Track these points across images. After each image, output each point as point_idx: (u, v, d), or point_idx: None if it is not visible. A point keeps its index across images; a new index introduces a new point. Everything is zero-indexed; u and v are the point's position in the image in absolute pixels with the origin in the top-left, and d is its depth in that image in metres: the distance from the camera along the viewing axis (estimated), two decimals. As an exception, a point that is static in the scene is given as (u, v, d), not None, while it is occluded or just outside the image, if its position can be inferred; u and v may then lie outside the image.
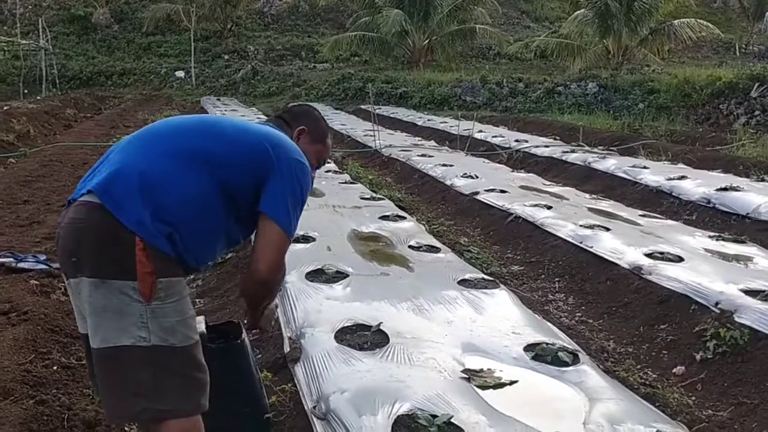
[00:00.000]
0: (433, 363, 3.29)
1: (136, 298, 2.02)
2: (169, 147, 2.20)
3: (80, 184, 2.21)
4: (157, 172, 2.11)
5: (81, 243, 2.06)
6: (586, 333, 4.50)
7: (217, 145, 2.23)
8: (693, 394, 3.73)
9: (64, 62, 29.49)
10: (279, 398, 3.15)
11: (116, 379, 2.07)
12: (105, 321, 2.03)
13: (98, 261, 2.04)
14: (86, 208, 2.08)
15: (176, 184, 2.12)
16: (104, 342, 2.04)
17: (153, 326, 2.04)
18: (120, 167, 2.13)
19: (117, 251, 2.03)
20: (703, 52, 31.61)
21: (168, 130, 2.32)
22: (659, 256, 5.37)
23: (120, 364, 2.04)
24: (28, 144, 11.78)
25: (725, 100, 17.28)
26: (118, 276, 2.02)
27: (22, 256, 4.84)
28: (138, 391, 2.04)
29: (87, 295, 2.05)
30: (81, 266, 2.06)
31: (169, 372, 2.06)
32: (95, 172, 2.20)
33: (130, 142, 2.28)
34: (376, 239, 5.81)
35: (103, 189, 2.07)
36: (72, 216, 2.11)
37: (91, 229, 2.05)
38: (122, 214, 2.03)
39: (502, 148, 12.34)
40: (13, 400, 2.96)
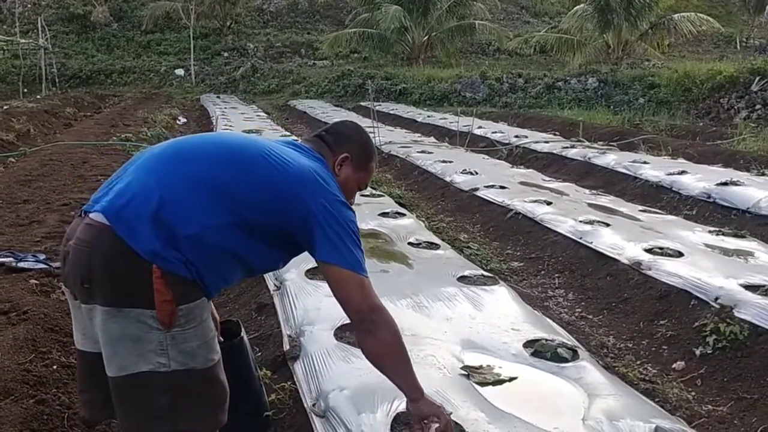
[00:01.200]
0: (433, 360, 3.29)
1: (155, 327, 1.93)
2: (189, 172, 2.04)
3: (99, 192, 2.10)
4: (172, 201, 1.96)
5: (92, 270, 1.94)
6: (585, 329, 4.50)
7: (242, 180, 2.05)
8: (693, 390, 3.73)
9: (64, 61, 29.49)
10: (278, 396, 3.15)
11: (134, 405, 2.01)
12: (121, 349, 1.95)
13: (113, 290, 1.93)
14: (96, 230, 1.95)
15: (190, 218, 1.97)
16: (121, 370, 1.97)
17: (173, 352, 1.96)
18: (134, 189, 1.98)
19: (133, 279, 1.92)
20: (703, 46, 31.56)
21: (191, 152, 2.14)
22: (659, 251, 5.37)
23: (138, 390, 1.98)
24: (28, 143, 11.77)
25: (726, 95, 17.27)
26: (135, 305, 1.92)
27: (21, 256, 4.83)
28: (158, 415, 1.99)
29: (101, 323, 1.96)
30: (94, 294, 1.96)
31: (188, 394, 2.01)
32: (112, 184, 2.08)
33: (150, 158, 2.11)
34: (376, 236, 5.81)
35: (114, 212, 1.94)
36: (80, 237, 1.98)
37: (103, 255, 1.93)
38: (135, 242, 1.91)
39: (501, 144, 12.34)
40: (13, 399, 2.97)
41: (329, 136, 2.42)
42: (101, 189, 2.12)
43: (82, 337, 2.15)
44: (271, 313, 4.20)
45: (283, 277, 4.56)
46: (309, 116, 19.54)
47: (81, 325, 2.13)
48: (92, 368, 2.11)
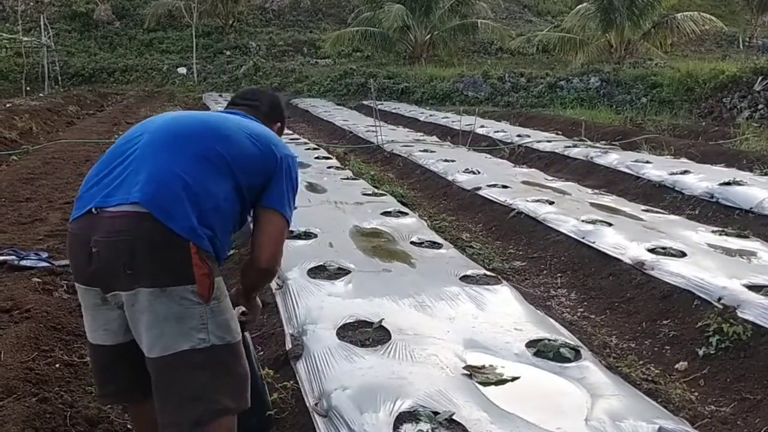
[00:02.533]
0: (435, 359, 3.29)
1: (196, 301, 2.10)
2: (195, 151, 2.24)
3: (95, 190, 2.20)
4: (194, 179, 2.17)
5: (136, 255, 2.06)
6: (588, 328, 4.50)
7: (236, 150, 2.30)
8: (696, 390, 3.72)
9: (66, 59, 29.46)
10: (281, 395, 3.15)
11: (176, 386, 2.13)
12: (166, 329, 2.09)
13: (159, 270, 2.07)
14: (131, 219, 2.09)
15: (211, 191, 2.19)
16: (165, 350, 2.10)
17: (212, 326, 2.13)
18: (159, 176, 2.15)
19: (173, 258, 2.08)
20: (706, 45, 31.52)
21: (187, 132, 2.32)
22: (662, 251, 5.36)
23: (180, 369, 2.12)
24: (31, 141, 11.78)
25: (728, 94, 17.24)
26: (177, 282, 2.08)
27: (24, 254, 4.84)
28: (198, 395, 2.12)
29: (146, 306, 2.08)
30: (138, 278, 2.07)
31: (225, 370, 2.18)
32: (119, 178, 2.19)
33: (154, 145, 2.26)
34: (378, 235, 5.81)
35: (151, 200, 2.09)
36: (113, 228, 2.09)
37: (146, 240, 2.07)
38: (174, 223, 2.08)
39: (504, 143, 12.33)
40: (16, 397, 2.97)
41: (255, 102, 2.73)
42: (98, 183, 2.22)
43: (104, 331, 2.25)
44: (273, 311, 4.20)
45: (285, 276, 4.56)
46: (311, 115, 19.54)
47: (102, 320, 2.24)
48: (113, 361, 2.28)
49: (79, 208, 2.23)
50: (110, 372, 2.35)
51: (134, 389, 2.35)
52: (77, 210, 2.23)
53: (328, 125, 17.04)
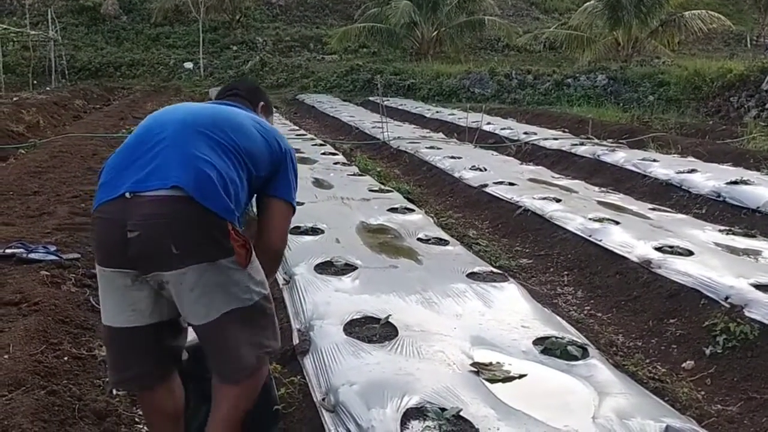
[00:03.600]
0: (442, 356, 3.29)
1: (237, 269, 2.31)
2: (218, 142, 2.40)
3: (124, 175, 2.30)
4: (221, 167, 2.33)
5: (181, 234, 2.23)
6: (595, 327, 4.50)
7: (250, 143, 2.49)
8: (702, 389, 3.72)
9: (73, 53, 29.54)
10: (288, 390, 3.15)
11: (231, 341, 2.34)
12: (215, 297, 2.29)
13: (204, 246, 2.25)
14: (173, 202, 2.23)
15: (233, 179, 2.36)
16: (216, 313, 2.30)
17: (253, 285, 2.37)
18: (193, 162, 2.29)
19: (215, 234, 2.26)
20: (713, 44, 31.43)
21: (208, 123, 2.46)
22: (669, 249, 5.35)
23: (232, 326, 2.32)
24: (38, 135, 11.80)
25: (736, 93, 17.17)
26: (221, 255, 2.27)
27: (32, 247, 4.85)
28: (251, 342, 2.37)
29: (195, 281, 2.25)
30: (185, 256, 2.23)
31: (265, 316, 2.43)
32: (150, 164, 2.30)
33: (181, 132, 2.40)
34: (385, 231, 5.81)
35: (192, 184, 2.24)
36: (155, 212, 2.22)
37: (188, 220, 2.23)
38: (212, 204, 2.24)
39: (510, 140, 12.31)
40: (24, 390, 2.98)
41: (242, 92, 2.90)
42: (127, 170, 2.32)
43: (132, 312, 2.34)
44: (280, 307, 4.19)
45: (292, 272, 4.58)
46: (317, 111, 19.54)
47: (130, 301, 2.34)
48: (136, 343, 2.38)
49: (107, 192, 2.31)
50: (131, 355, 2.41)
51: (151, 374, 2.45)
52: (104, 194, 2.31)
53: (334, 121, 17.04)
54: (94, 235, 2.41)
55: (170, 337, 2.47)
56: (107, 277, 2.35)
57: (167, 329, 2.43)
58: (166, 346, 2.47)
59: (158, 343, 2.42)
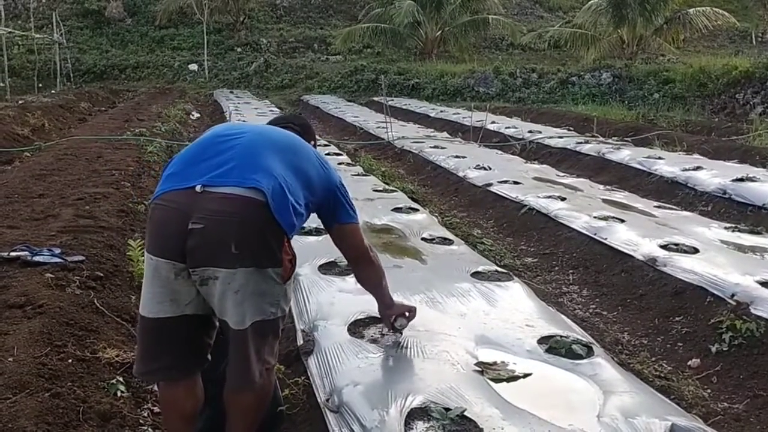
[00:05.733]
0: (446, 356, 3.28)
1: (278, 282, 2.41)
2: (291, 162, 2.52)
3: (197, 169, 2.40)
4: (292, 184, 2.46)
5: (245, 236, 2.31)
6: (600, 325, 4.48)
7: (312, 171, 2.63)
8: (708, 387, 3.71)
9: (78, 56, 29.61)
10: (292, 391, 3.15)
11: (247, 351, 2.40)
12: (250, 304, 2.36)
13: (260, 253, 2.34)
14: (245, 202, 2.32)
15: (300, 200, 2.49)
16: (247, 323, 2.37)
17: (282, 302, 2.47)
18: (273, 172, 2.40)
19: (272, 244, 2.36)
20: (718, 40, 31.28)
21: (282, 142, 2.61)
22: (674, 247, 5.33)
23: (252, 337, 2.40)
24: (43, 138, 11.81)
25: (741, 90, 17.12)
26: (271, 265, 2.37)
27: (37, 250, 4.85)
28: (259, 357, 2.43)
29: (242, 284, 2.33)
30: (242, 257, 2.31)
31: (275, 335, 2.52)
32: (227, 164, 2.39)
33: (256, 144, 2.51)
34: (389, 231, 5.80)
35: (271, 191, 2.34)
36: (225, 208, 2.30)
37: (255, 224, 2.32)
38: (281, 215, 2.34)
39: (515, 139, 12.29)
40: (29, 393, 2.98)
41: (298, 127, 3.00)
42: (201, 165, 2.42)
43: (170, 302, 2.40)
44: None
45: (295, 272, 4.56)
46: (322, 111, 19.55)
47: (171, 292, 2.40)
48: (169, 333, 2.44)
49: (176, 182, 2.39)
50: (163, 345, 2.47)
51: (179, 366, 2.51)
52: (172, 184, 2.39)
53: (338, 121, 17.05)
54: (152, 222, 2.45)
55: (201, 332, 2.53)
56: (154, 265, 2.40)
57: (200, 322, 2.49)
58: (196, 341, 2.53)
59: (189, 335, 2.49)
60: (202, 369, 2.59)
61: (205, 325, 2.51)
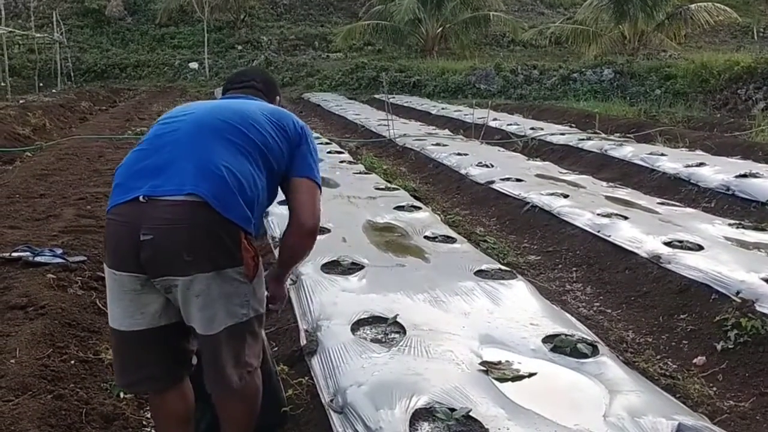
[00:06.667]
0: (451, 355, 3.26)
1: (243, 281, 2.31)
2: (234, 142, 2.38)
3: (138, 178, 2.29)
4: (238, 170, 2.31)
5: (195, 241, 2.21)
6: (604, 323, 4.46)
7: (267, 138, 2.47)
8: (714, 385, 3.68)
9: (79, 55, 29.60)
10: (296, 391, 3.13)
11: (222, 356, 2.34)
12: (218, 308, 2.28)
13: (215, 255, 2.24)
14: (188, 208, 2.21)
15: (253, 181, 2.35)
16: (217, 327, 2.30)
17: (252, 301, 2.37)
18: (209, 166, 2.28)
19: (227, 243, 2.25)
20: (720, 36, 31.20)
21: (222, 123, 2.44)
22: (678, 244, 5.30)
23: (225, 342, 2.32)
24: (44, 137, 11.81)
25: (743, 86, 17.07)
26: (230, 265, 2.27)
27: (38, 250, 4.84)
28: (237, 360, 2.36)
29: (202, 289, 2.25)
30: (197, 263, 2.22)
31: (254, 336, 2.44)
32: (164, 167, 2.28)
33: (192, 134, 2.38)
34: (392, 230, 5.78)
35: (209, 191, 2.22)
36: (170, 217, 2.20)
37: (204, 228, 2.22)
38: (229, 212, 2.24)
39: (517, 136, 12.26)
40: (31, 394, 2.97)
41: (258, 83, 2.87)
42: (142, 172, 2.31)
43: (141, 315, 2.33)
44: (287, 307, 4.16)
45: (299, 271, 4.54)
46: (323, 109, 19.52)
47: (139, 305, 2.32)
48: (144, 345, 2.37)
49: (121, 194, 2.29)
50: (139, 358, 2.40)
51: (161, 377, 2.44)
52: (118, 197, 2.30)
53: (339, 119, 17.02)
54: (107, 238, 2.38)
55: (179, 340, 2.45)
56: (117, 280, 2.33)
57: (175, 332, 2.41)
58: (174, 349, 2.45)
59: (167, 345, 2.42)
60: (189, 373, 2.53)
61: (184, 331, 2.42)
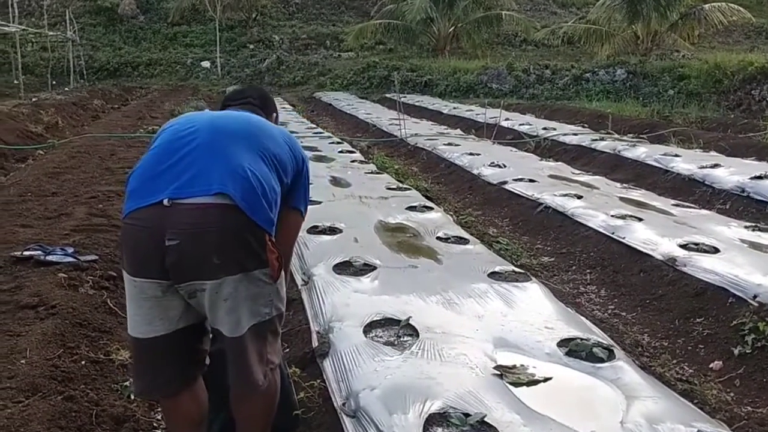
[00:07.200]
0: (465, 359, 3.22)
1: (268, 282, 2.33)
2: (255, 148, 2.40)
3: (159, 182, 2.24)
4: (261, 174, 2.32)
5: (225, 244, 2.21)
6: (619, 326, 4.40)
7: (279, 150, 2.49)
8: (731, 390, 3.63)
9: (92, 53, 29.71)
10: (307, 394, 3.10)
11: (246, 356, 2.33)
12: (244, 310, 2.29)
13: (243, 257, 2.25)
14: (217, 210, 2.20)
15: (272, 186, 2.37)
16: (243, 329, 2.30)
17: (276, 301, 2.39)
18: (235, 169, 2.27)
19: (254, 246, 2.26)
20: (734, 36, 30.98)
21: (241, 129, 2.46)
22: (694, 247, 5.24)
23: (250, 341, 2.32)
24: (57, 135, 11.83)
25: (757, 86, 16.93)
26: (257, 266, 2.28)
27: (50, 249, 4.83)
28: (260, 358, 2.37)
29: (230, 292, 2.25)
30: (226, 266, 2.22)
31: (275, 334, 2.45)
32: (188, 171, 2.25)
33: (214, 139, 2.36)
34: (404, 230, 5.74)
35: (238, 193, 2.22)
36: (198, 220, 2.19)
37: (232, 230, 2.22)
38: (256, 215, 2.25)
39: (529, 136, 12.20)
40: (41, 396, 2.95)
41: (255, 100, 2.85)
42: (162, 176, 2.26)
43: (160, 321, 2.30)
44: (298, 308, 4.15)
45: (311, 272, 4.52)
46: (334, 108, 19.50)
47: (161, 310, 2.30)
48: (165, 350, 2.34)
49: (140, 198, 2.24)
50: (160, 363, 2.37)
51: (178, 380, 2.42)
52: (137, 201, 2.25)
53: (351, 118, 17.00)
54: (125, 244, 2.32)
55: (196, 341, 2.45)
56: (138, 286, 2.29)
57: (193, 332, 2.40)
58: (192, 350, 2.45)
59: (185, 347, 2.41)
60: (202, 373, 2.52)
61: (200, 332, 2.43)
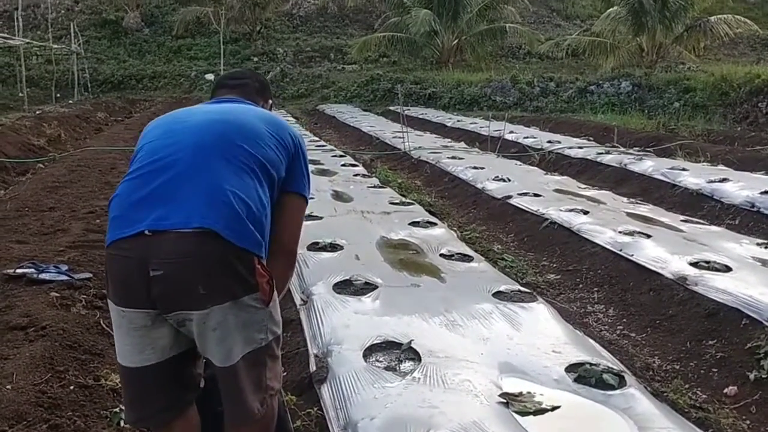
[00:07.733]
0: (469, 386, 3.09)
1: (259, 307, 2.20)
2: (237, 161, 2.25)
3: (140, 210, 2.14)
4: (245, 193, 2.19)
5: (210, 274, 2.10)
6: (629, 348, 4.25)
7: (267, 150, 2.34)
8: (747, 418, 3.48)
9: (96, 66, 29.71)
10: (304, 423, 2.97)
11: (242, 384, 2.21)
12: (235, 338, 2.18)
13: (230, 285, 2.13)
14: (199, 239, 2.09)
15: (261, 201, 2.25)
16: (235, 358, 2.19)
17: (270, 325, 2.26)
18: (215, 194, 2.15)
19: (241, 272, 2.14)
20: (739, 48, 30.88)
21: (221, 139, 2.30)
22: (705, 265, 5.09)
23: (244, 370, 2.21)
24: (59, 148, 11.74)
25: (764, 99, 16.78)
26: (245, 292, 2.16)
27: (43, 267, 4.71)
28: (259, 386, 2.24)
29: (219, 321, 2.14)
30: (212, 296, 2.11)
31: (274, 358, 2.31)
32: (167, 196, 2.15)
33: (191, 157, 2.23)
34: (406, 247, 5.61)
35: (219, 222, 2.10)
36: (181, 250, 2.08)
37: (217, 258, 2.11)
38: (242, 241, 2.13)
39: (534, 149, 12.07)
40: (25, 425, 2.81)
41: (257, 85, 2.75)
42: (143, 203, 2.15)
43: (151, 350, 2.22)
44: (296, 329, 4.02)
45: (310, 291, 4.39)
46: (338, 121, 19.41)
47: (150, 340, 2.21)
48: (156, 379, 2.26)
49: (121, 228, 2.14)
50: (152, 391, 2.29)
51: (171, 408, 2.34)
52: (119, 230, 2.15)
53: (354, 131, 16.90)
54: (111, 274, 2.21)
55: (190, 365, 2.36)
56: (126, 317, 2.19)
57: (186, 358, 2.31)
58: (186, 376, 2.36)
59: (178, 374, 2.32)
60: (196, 397, 2.41)
61: (193, 356, 2.33)
